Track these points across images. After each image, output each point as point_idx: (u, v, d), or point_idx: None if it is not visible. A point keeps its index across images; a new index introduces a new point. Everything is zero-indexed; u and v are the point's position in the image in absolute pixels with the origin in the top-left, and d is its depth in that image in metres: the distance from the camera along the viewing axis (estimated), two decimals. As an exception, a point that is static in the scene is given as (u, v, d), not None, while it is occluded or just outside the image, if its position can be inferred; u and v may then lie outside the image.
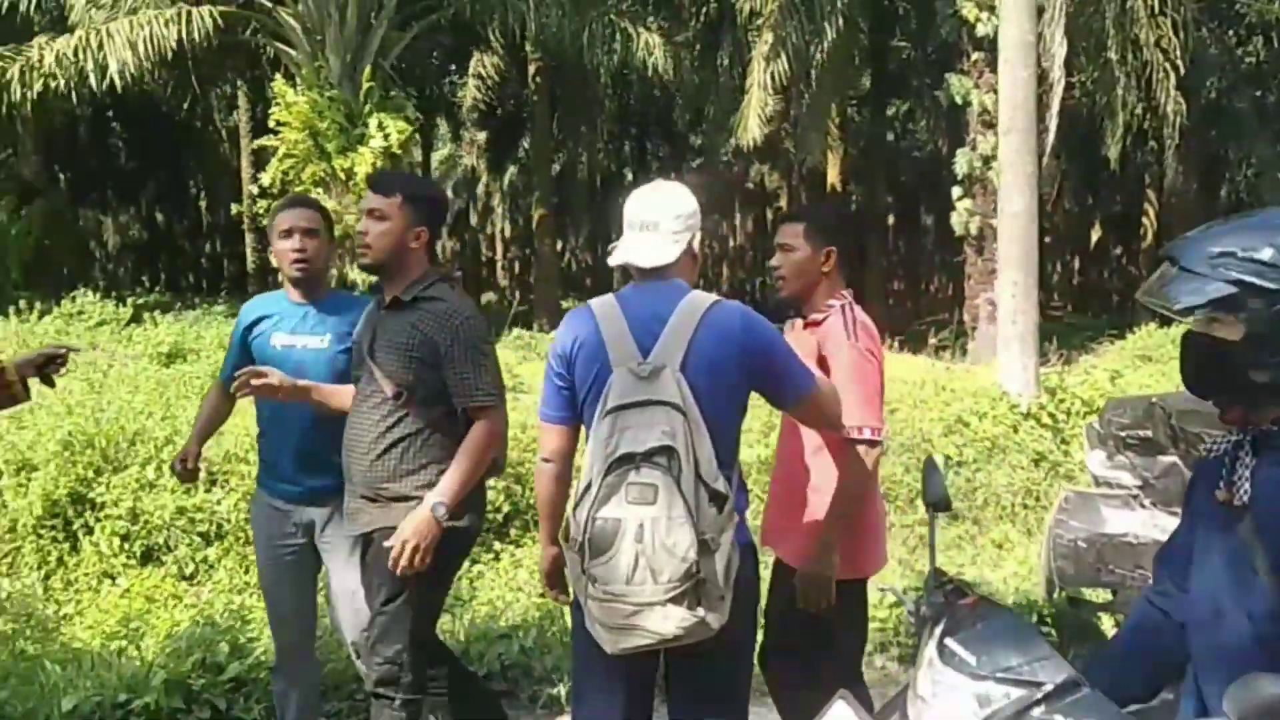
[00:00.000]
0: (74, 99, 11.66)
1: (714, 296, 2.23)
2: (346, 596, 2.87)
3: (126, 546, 4.76)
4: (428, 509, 2.49)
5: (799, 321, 2.60)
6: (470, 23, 13.96)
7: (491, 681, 3.71)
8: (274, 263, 3.03)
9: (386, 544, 2.50)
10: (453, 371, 2.57)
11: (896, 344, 12.01)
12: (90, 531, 4.75)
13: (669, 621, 1.99)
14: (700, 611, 2.00)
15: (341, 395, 2.75)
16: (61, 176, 18.87)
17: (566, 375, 2.22)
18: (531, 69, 17.60)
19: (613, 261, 2.30)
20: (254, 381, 2.63)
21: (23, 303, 10.23)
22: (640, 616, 1.99)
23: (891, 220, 27.17)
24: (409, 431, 2.60)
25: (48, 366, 2.59)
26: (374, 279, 2.81)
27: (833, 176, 20.49)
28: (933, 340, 13.25)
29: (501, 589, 4.75)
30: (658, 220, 2.24)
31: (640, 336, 2.13)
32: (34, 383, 2.60)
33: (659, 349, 2.10)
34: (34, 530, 4.71)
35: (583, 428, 2.26)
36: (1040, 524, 5.80)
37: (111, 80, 10.11)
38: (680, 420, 2.01)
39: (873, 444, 2.53)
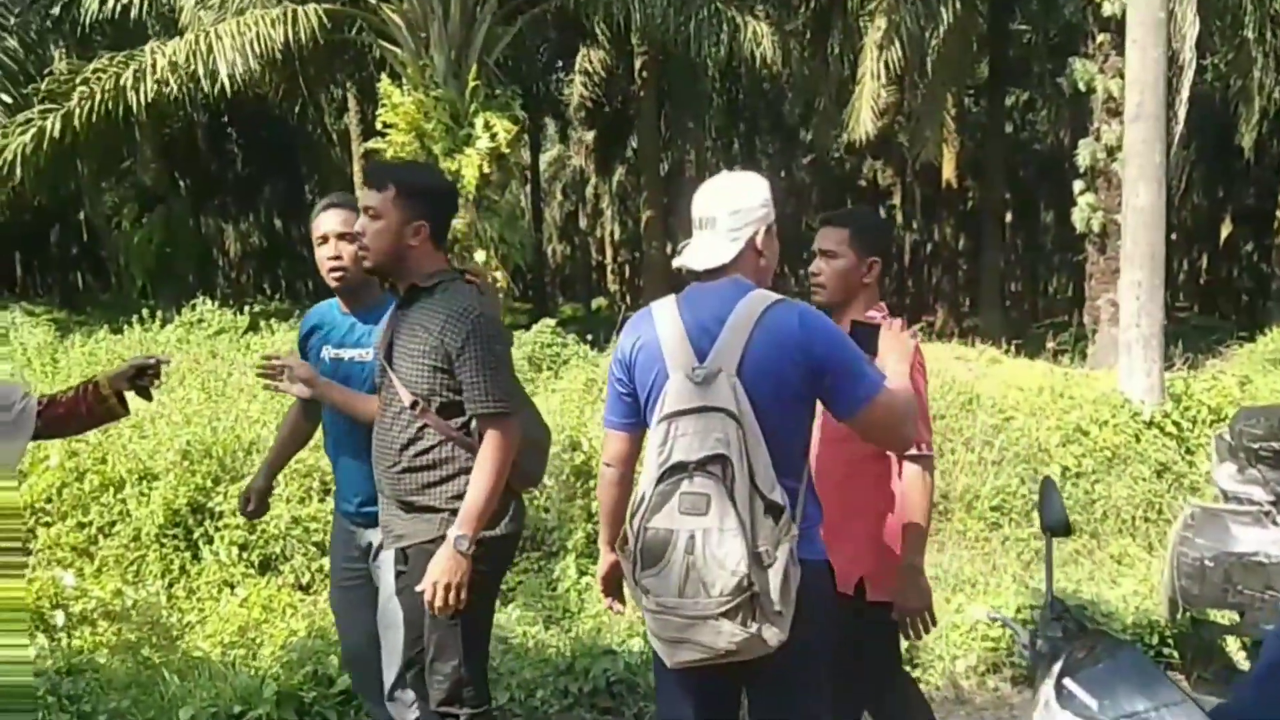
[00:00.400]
0: (188, 104, 12.15)
1: (775, 295, 2.11)
2: (389, 624, 2.78)
3: (245, 556, 4.88)
4: (451, 544, 2.40)
5: (897, 322, 2.42)
6: (575, 15, 13.94)
7: (596, 698, 3.68)
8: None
9: (418, 588, 2.43)
10: (465, 378, 2.44)
11: (1013, 349, 11.51)
12: (210, 540, 4.89)
13: (721, 636, 1.94)
14: (754, 627, 1.94)
15: (367, 403, 2.66)
16: (181, 184, 19.77)
17: (627, 381, 2.18)
18: (638, 63, 17.50)
19: (676, 263, 2.19)
20: (275, 363, 2.62)
21: (145, 311, 10.65)
22: (693, 630, 1.95)
23: (1009, 217, 26.12)
24: (432, 443, 2.49)
25: (140, 379, 2.58)
26: None
27: (947, 172, 19.86)
28: (1051, 344, 12.72)
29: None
30: (714, 216, 2.16)
31: (697, 339, 2.07)
32: (131, 395, 2.61)
33: (715, 353, 2.03)
34: (157, 539, 4.87)
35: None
36: (1162, 539, 5.70)
37: (223, 85, 10.42)
38: (734, 428, 1.95)
39: (928, 460, 2.47)
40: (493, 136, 10.58)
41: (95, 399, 2.52)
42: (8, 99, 11.21)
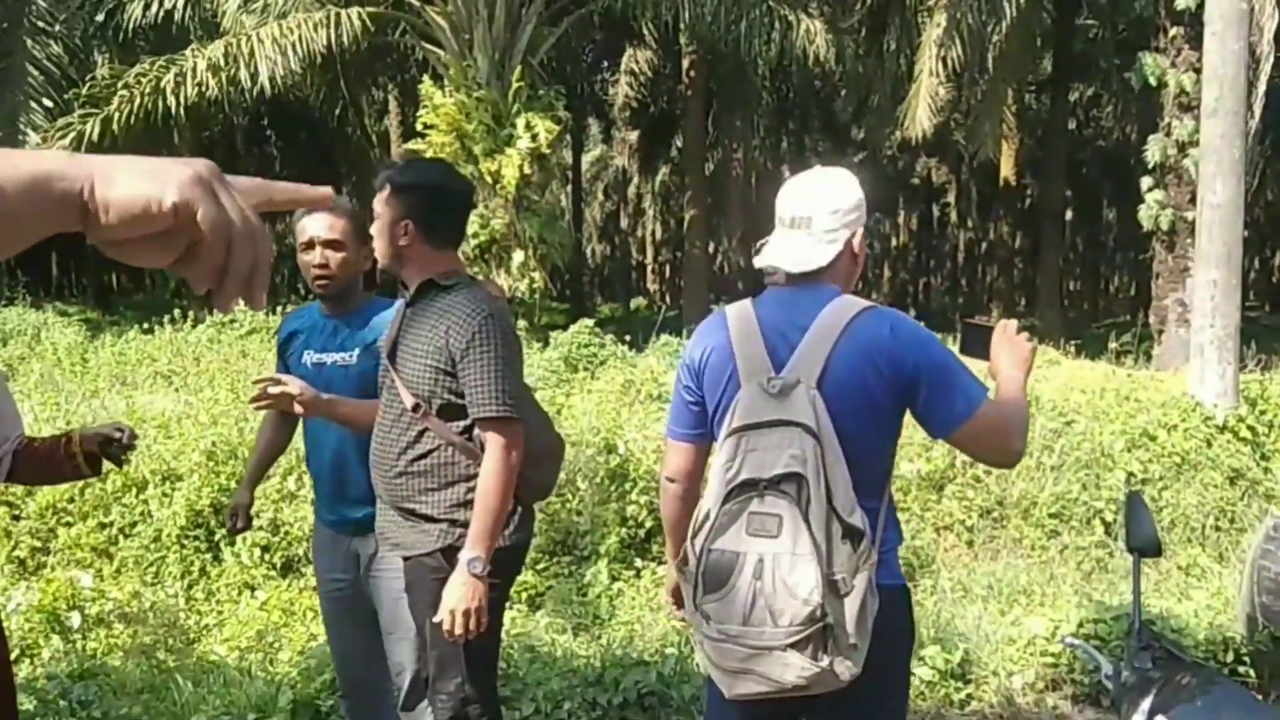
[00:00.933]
0: (227, 107, 12.32)
1: (865, 302, 1.94)
2: (399, 636, 2.65)
3: (267, 557, 4.82)
4: (464, 569, 2.26)
5: (1011, 323, 2.17)
6: (622, 16, 13.89)
7: (626, 712, 3.53)
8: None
9: (435, 619, 2.30)
10: (467, 380, 2.32)
11: (1072, 349, 11.12)
12: (232, 542, 4.83)
13: (789, 670, 1.77)
14: (825, 660, 1.77)
15: (370, 410, 2.52)
16: None
17: (695, 389, 2.01)
18: (685, 63, 17.44)
19: (759, 263, 2.00)
20: (272, 390, 2.41)
21: (177, 312, 10.77)
22: (757, 661, 1.79)
23: (1069, 215, 25.47)
24: (431, 447, 2.36)
25: (111, 446, 2.43)
26: None
27: (1006, 169, 19.46)
28: (1114, 345, 12.30)
29: (641, 608, 4.56)
30: (810, 216, 1.96)
31: (775, 348, 1.90)
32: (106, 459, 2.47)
33: (794, 362, 1.87)
34: (178, 540, 4.83)
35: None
36: (1236, 549, 5.47)
37: (264, 88, 10.55)
38: (812, 444, 1.79)
39: None
40: (534, 137, 10.57)
41: (66, 454, 2.39)
42: (49, 103, 11.48)
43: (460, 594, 2.25)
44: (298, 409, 2.47)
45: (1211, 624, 4.14)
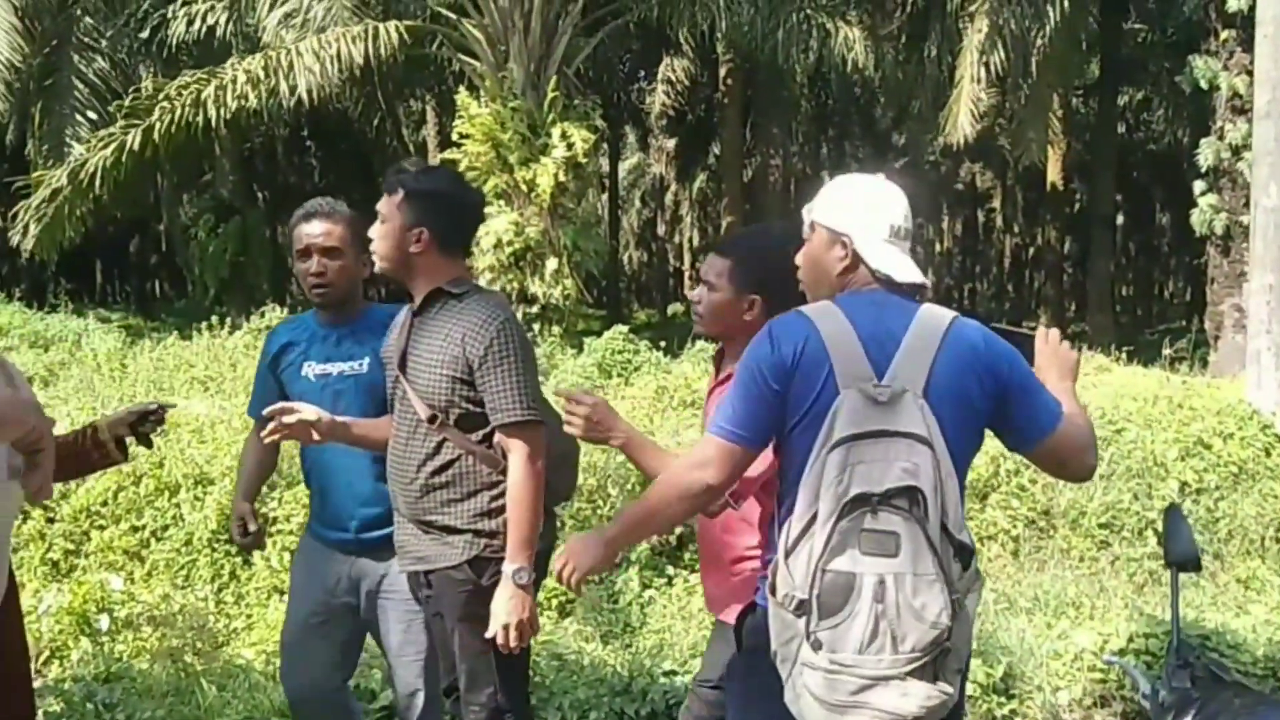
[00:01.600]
0: (266, 119, 12.55)
1: (951, 311, 1.89)
2: (414, 653, 2.60)
3: None
4: (510, 581, 2.23)
5: (1054, 332, 2.13)
6: (659, 26, 13.93)
7: None
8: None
9: (488, 634, 2.25)
10: (486, 387, 2.27)
11: (1124, 356, 10.85)
12: (262, 545, 4.83)
13: (909, 699, 1.67)
14: (942, 686, 1.70)
15: (382, 429, 2.46)
16: (260, 195, 20.60)
17: (780, 390, 1.82)
18: (723, 71, 17.48)
19: (902, 277, 1.89)
20: (286, 420, 2.30)
21: (215, 319, 10.88)
22: (871, 692, 1.68)
23: (1120, 220, 25.01)
24: (451, 457, 2.32)
25: (142, 425, 2.42)
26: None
27: (1052, 174, 19.19)
28: (1167, 351, 12.03)
29: (673, 617, 4.49)
30: (910, 228, 1.95)
31: (874, 354, 1.79)
32: (132, 442, 2.45)
33: (897, 369, 1.77)
34: (209, 544, 4.83)
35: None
36: None
37: (303, 99, 10.71)
38: (927, 456, 1.70)
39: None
40: (569, 146, 10.63)
41: (93, 444, 2.38)
42: (94, 116, 11.79)
43: (510, 606, 2.23)
44: (315, 436, 2.38)
45: (1271, 640, 3.98)
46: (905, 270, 1.88)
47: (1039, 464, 2.01)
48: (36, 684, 3.63)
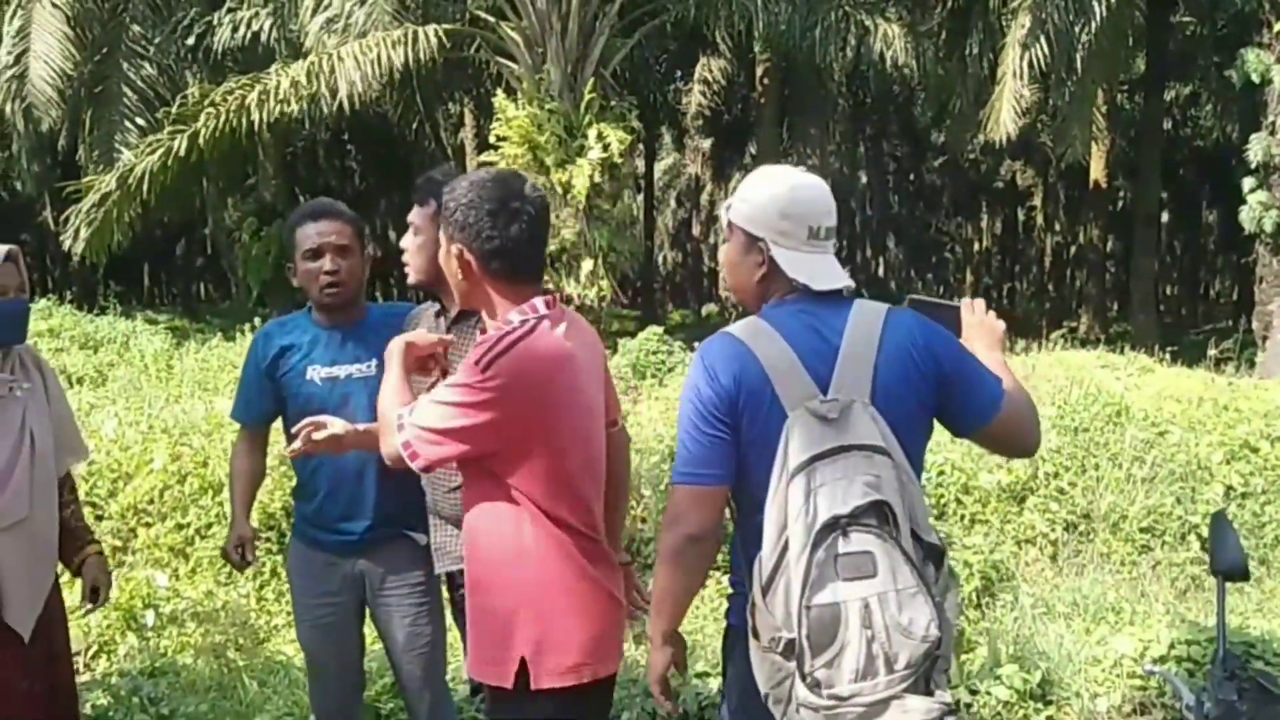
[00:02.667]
0: (308, 123, 12.70)
1: (883, 306, 1.83)
2: (418, 649, 2.63)
3: None
4: None
5: (979, 302, 2.04)
6: (695, 26, 13.89)
7: None
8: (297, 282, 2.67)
9: None
10: None
11: (1167, 357, 10.62)
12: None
13: (911, 715, 1.64)
14: (940, 697, 1.67)
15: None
16: (303, 199, 20.93)
17: (728, 422, 1.75)
18: (759, 71, 17.36)
19: (820, 286, 1.80)
20: (317, 436, 2.25)
21: (258, 320, 11.03)
22: (869, 716, 1.63)
23: (1165, 218, 24.46)
24: None
25: (94, 595, 2.60)
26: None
27: (1096, 171, 18.79)
28: (1213, 352, 11.76)
29: (704, 618, 4.49)
30: (833, 226, 1.85)
31: (814, 369, 1.73)
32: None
33: (840, 381, 1.72)
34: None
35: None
36: None
37: (343, 104, 10.80)
38: (886, 464, 1.65)
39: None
40: (605, 147, 10.63)
41: (75, 550, 2.58)
42: (142, 122, 12.05)
43: None
44: (345, 450, 2.35)
45: (1320, 651, 3.85)
46: (825, 277, 1.80)
47: (982, 445, 1.96)
48: (84, 678, 3.75)
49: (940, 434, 1.92)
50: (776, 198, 1.81)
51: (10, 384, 2.34)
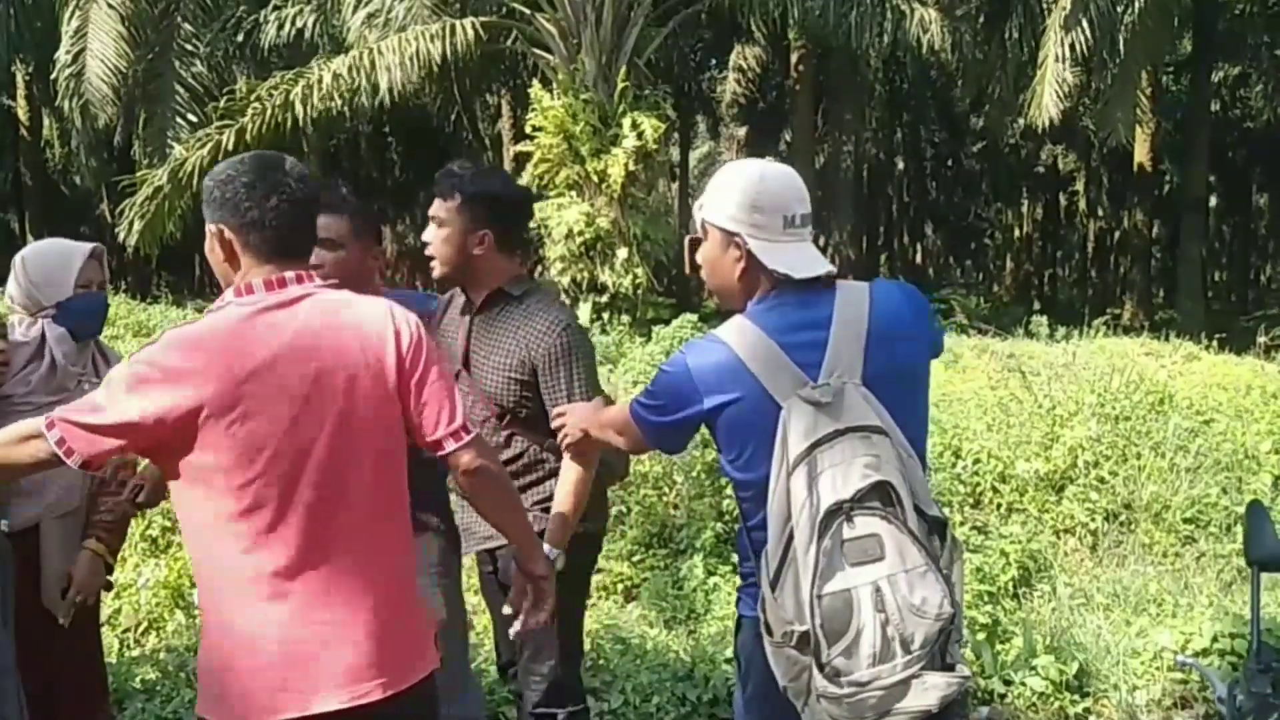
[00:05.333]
0: (350, 116, 12.89)
1: (864, 284, 1.83)
2: (437, 630, 2.69)
3: None
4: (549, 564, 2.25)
5: None
6: (730, 13, 13.86)
7: (716, 709, 3.50)
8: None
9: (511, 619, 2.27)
10: (549, 386, 2.37)
11: (1215, 344, 10.41)
12: None
13: (932, 691, 1.63)
14: (960, 671, 1.66)
15: None
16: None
17: (685, 419, 1.80)
18: (794, 58, 17.26)
19: (801, 275, 1.77)
20: None
21: None
22: (893, 698, 1.63)
23: (1213, 202, 23.92)
24: (519, 451, 2.44)
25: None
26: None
27: (1140, 155, 18.45)
28: (1262, 339, 11.50)
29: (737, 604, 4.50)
30: (808, 213, 1.82)
31: (802, 357, 1.72)
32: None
33: (831, 365, 1.71)
34: None
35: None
36: None
37: (384, 97, 11.00)
38: (885, 443, 1.65)
39: None
40: (640, 136, 10.67)
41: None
42: (193, 118, 12.32)
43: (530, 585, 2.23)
44: None
45: (1361, 642, 3.80)
46: (804, 265, 1.77)
47: None
48: (135, 653, 3.86)
49: (974, 421, 1.93)
50: (747, 190, 1.78)
51: (80, 376, 2.44)
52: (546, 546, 2.28)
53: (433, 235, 2.42)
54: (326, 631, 1.67)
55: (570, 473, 2.30)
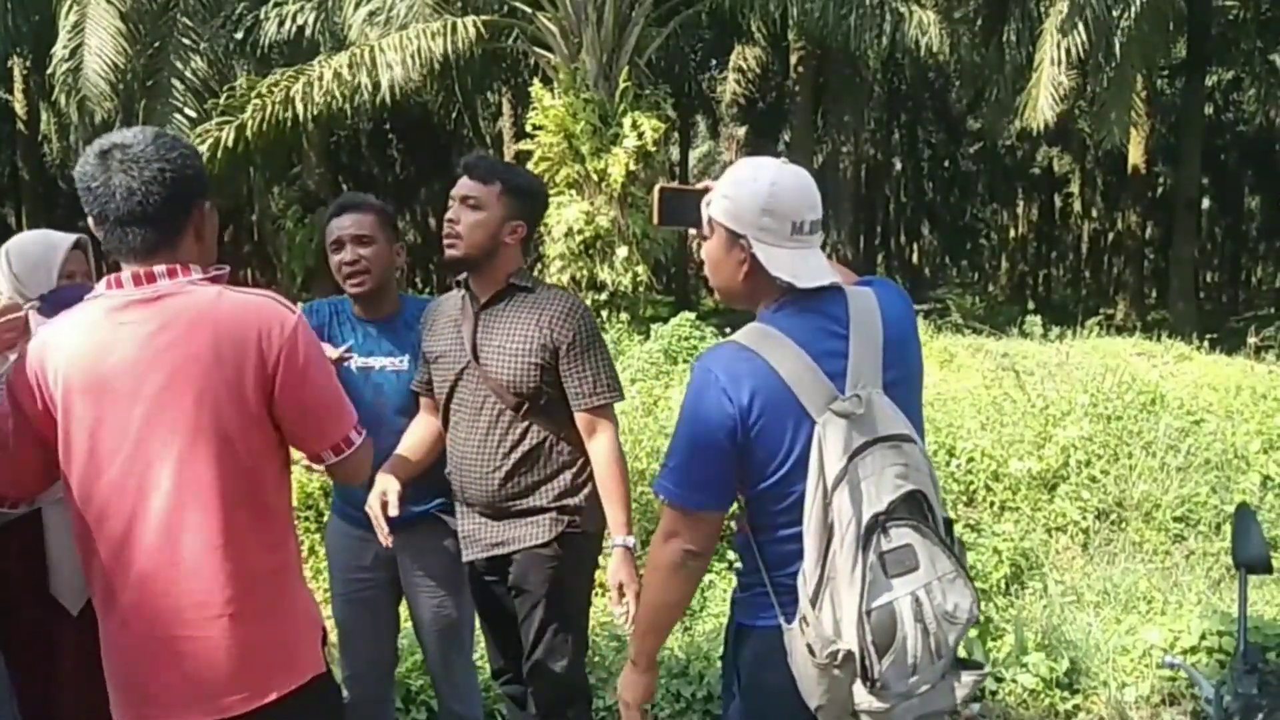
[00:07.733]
0: (351, 113, 12.89)
1: (868, 289, 1.80)
2: (443, 629, 2.70)
3: None
4: (623, 550, 2.35)
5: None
6: (730, 14, 13.88)
7: (710, 705, 3.50)
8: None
9: (617, 610, 2.37)
10: (574, 372, 2.38)
11: (1206, 345, 10.49)
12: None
13: (960, 689, 1.68)
14: (981, 667, 1.71)
15: (421, 448, 2.57)
16: (345, 187, 21.25)
17: (736, 440, 1.66)
18: (794, 58, 17.30)
19: (813, 284, 1.73)
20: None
21: (301, 305, 11.34)
22: (927, 702, 1.65)
23: (1206, 204, 24.02)
24: (536, 442, 2.41)
25: None
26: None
27: (1135, 157, 18.52)
28: (1252, 339, 11.56)
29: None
30: (819, 220, 1.75)
31: (829, 368, 1.67)
32: None
33: (856, 375, 1.67)
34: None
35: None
36: None
37: (385, 94, 11.00)
38: (914, 451, 1.64)
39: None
40: (640, 135, 10.70)
41: None
42: (192, 114, 12.31)
43: (630, 572, 2.33)
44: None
45: (1359, 653, 3.81)
46: (809, 274, 1.71)
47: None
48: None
49: (968, 420, 1.99)
50: (758, 193, 1.70)
51: None
52: (620, 536, 2.34)
53: (463, 215, 2.38)
54: (159, 649, 1.63)
55: (605, 469, 2.37)
